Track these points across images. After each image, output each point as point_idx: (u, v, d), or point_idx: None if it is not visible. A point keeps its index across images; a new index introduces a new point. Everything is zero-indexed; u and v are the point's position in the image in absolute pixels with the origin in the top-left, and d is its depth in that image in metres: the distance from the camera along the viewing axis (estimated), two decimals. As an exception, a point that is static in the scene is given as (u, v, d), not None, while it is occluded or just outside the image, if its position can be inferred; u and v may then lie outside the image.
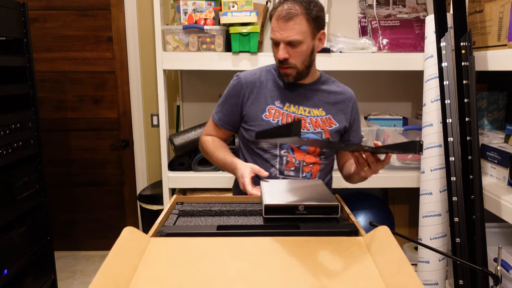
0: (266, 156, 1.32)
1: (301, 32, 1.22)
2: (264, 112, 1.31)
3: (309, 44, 1.25)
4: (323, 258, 0.74)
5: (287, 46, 1.24)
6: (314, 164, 1.33)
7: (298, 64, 1.26)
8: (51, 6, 2.48)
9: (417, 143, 0.90)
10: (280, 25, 1.22)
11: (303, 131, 1.31)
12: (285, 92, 1.33)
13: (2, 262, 1.69)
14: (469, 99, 1.62)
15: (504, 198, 1.52)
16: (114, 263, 0.68)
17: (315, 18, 1.24)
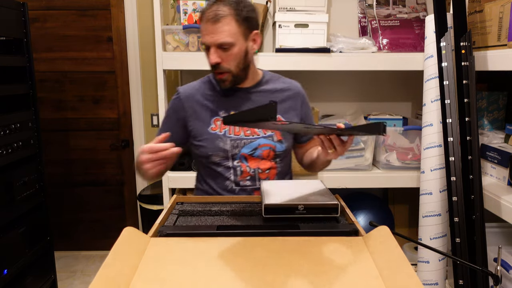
0: (220, 170, 1.28)
1: (231, 33, 1.17)
2: (209, 125, 1.27)
3: (241, 46, 1.21)
4: (323, 258, 0.74)
5: (218, 49, 1.19)
6: (270, 169, 1.30)
7: (232, 68, 1.22)
8: (51, 6, 2.48)
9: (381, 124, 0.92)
10: (209, 28, 1.17)
11: (252, 137, 1.28)
12: (228, 101, 1.29)
13: (2, 262, 1.69)
14: (469, 99, 1.62)
15: (504, 198, 1.52)
16: (114, 263, 0.68)
17: (246, 19, 1.20)
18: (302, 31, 1.96)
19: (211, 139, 1.26)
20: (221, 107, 1.29)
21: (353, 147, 2.02)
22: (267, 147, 1.29)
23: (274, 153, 1.30)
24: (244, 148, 1.28)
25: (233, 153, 1.27)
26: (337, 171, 2.03)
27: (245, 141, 1.27)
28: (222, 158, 1.27)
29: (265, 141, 1.29)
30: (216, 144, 1.26)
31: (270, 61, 1.93)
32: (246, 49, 1.24)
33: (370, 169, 2.05)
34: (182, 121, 1.30)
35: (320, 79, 2.31)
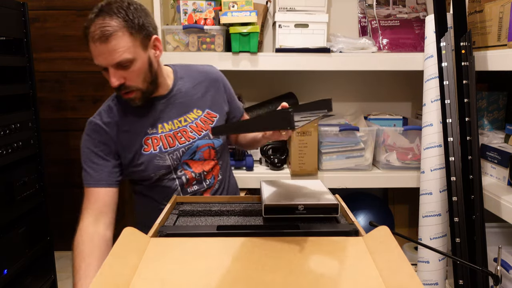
0: (164, 184, 1.22)
1: (128, 49, 1.04)
2: (142, 146, 1.18)
3: (143, 58, 1.09)
4: (323, 258, 0.74)
5: (117, 69, 1.06)
6: (214, 167, 1.27)
7: (139, 84, 1.10)
8: (51, 6, 2.48)
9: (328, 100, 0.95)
10: (100, 49, 1.03)
11: (188, 142, 1.22)
12: (151, 115, 1.19)
13: (2, 262, 1.68)
14: (469, 99, 1.62)
15: (504, 198, 1.52)
16: (114, 263, 0.68)
17: (140, 27, 1.07)
18: (302, 31, 1.96)
19: (149, 160, 1.18)
20: (146, 125, 1.19)
21: (353, 147, 2.02)
22: (206, 147, 1.25)
23: (215, 150, 1.26)
24: (184, 156, 1.23)
25: (174, 165, 1.21)
26: (337, 171, 2.03)
27: (183, 150, 1.22)
28: (164, 174, 1.21)
29: (203, 142, 1.24)
30: (155, 163, 1.19)
31: (270, 61, 1.93)
32: (149, 59, 1.12)
33: (370, 169, 2.05)
34: (113, 153, 1.17)
35: (320, 79, 2.32)
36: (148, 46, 1.11)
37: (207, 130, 1.24)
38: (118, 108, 1.20)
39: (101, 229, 1.12)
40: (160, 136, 1.19)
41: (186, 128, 1.22)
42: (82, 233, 1.10)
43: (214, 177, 1.29)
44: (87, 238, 1.09)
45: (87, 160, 1.17)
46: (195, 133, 1.23)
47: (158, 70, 1.17)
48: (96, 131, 1.17)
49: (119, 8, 1.04)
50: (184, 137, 1.22)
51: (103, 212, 1.14)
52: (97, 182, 1.15)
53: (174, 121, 1.21)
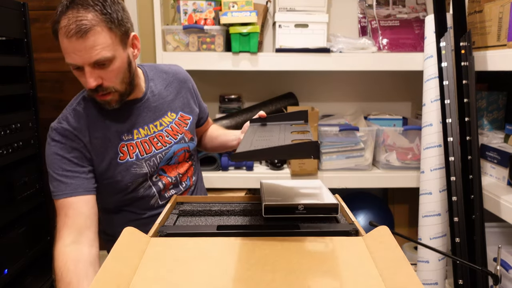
0: (140, 194, 1.15)
1: (107, 46, 0.94)
2: (117, 154, 1.08)
3: (122, 57, 1.00)
4: (323, 258, 0.74)
5: (94, 68, 0.96)
6: (188, 169, 1.25)
7: (117, 85, 1.01)
8: (51, 6, 2.48)
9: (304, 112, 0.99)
10: (75, 46, 0.92)
11: (165, 147, 1.16)
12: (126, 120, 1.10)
13: (2, 262, 1.69)
14: (469, 99, 1.62)
15: (503, 198, 1.52)
16: (114, 263, 0.68)
17: (119, 23, 0.97)
18: (302, 31, 1.96)
19: (125, 169, 1.10)
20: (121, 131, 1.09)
21: (353, 147, 2.02)
22: (182, 151, 1.21)
23: (189, 153, 1.25)
24: (161, 162, 1.17)
25: (151, 173, 1.15)
26: (337, 171, 2.03)
27: (160, 155, 1.16)
28: (141, 183, 1.14)
29: (179, 146, 1.20)
30: (132, 172, 1.11)
31: (270, 61, 1.93)
32: (128, 58, 1.03)
33: (370, 169, 2.06)
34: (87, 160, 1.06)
35: (320, 79, 2.32)
36: (127, 44, 1.02)
37: (182, 133, 1.19)
38: (88, 112, 1.09)
39: (86, 250, 0.98)
40: (136, 142, 1.11)
41: (162, 132, 1.16)
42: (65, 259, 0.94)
43: (189, 178, 1.26)
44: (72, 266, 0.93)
45: (58, 168, 1.03)
46: (171, 138, 1.17)
47: (134, 71, 1.09)
48: (66, 136, 1.05)
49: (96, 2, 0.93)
50: (161, 142, 1.15)
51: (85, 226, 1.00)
52: (74, 190, 1.02)
53: (150, 125, 1.14)
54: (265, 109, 2.16)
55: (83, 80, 0.98)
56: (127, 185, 1.12)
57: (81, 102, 1.12)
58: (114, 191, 1.13)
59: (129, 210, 1.19)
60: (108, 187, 1.11)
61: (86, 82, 0.97)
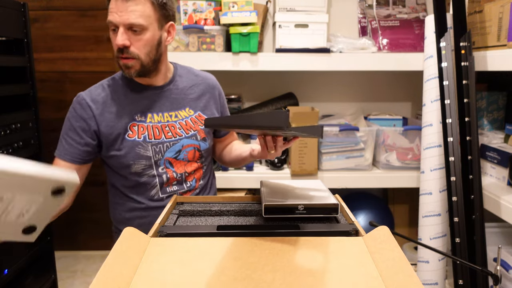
0: (143, 180, 1.19)
1: (145, 15, 1.05)
2: (126, 131, 1.15)
3: (154, 33, 1.09)
4: (323, 258, 0.74)
5: (127, 31, 1.06)
6: (196, 170, 1.25)
7: (141, 55, 1.09)
8: (51, 6, 2.48)
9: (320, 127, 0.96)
10: (119, 6, 1.04)
11: (174, 138, 1.19)
12: (143, 102, 1.18)
13: (2, 262, 1.69)
14: (469, 99, 1.62)
15: (503, 198, 1.52)
16: (114, 263, 0.68)
17: (162, 5, 1.09)
18: (302, 31, 1.96)
19: (130, 147, 1.14)
20: (136, 111, 1.17)
21: (353, 147, 2.02)
22: (191, 147, 1.23)
23: (200, 152, 1.24)
24: (167, 152, 1.19)
25: (156, 159, 1.17)
26: (337, 171, 2.03)
27: (168, 144, 1.19)
28: (145, 167, 1.17)
29: (189, 141, 1.21)
30: (136, 152, 1.15)
31: (270, 61, 1.93)
32: (160, 38, 1.12)
33: (370, 169, 2.06)
34: (90, 132, 1.15)
35: (320, 79, 2.32)
36: (163, 27, 1.12)
37: (196, 131, 1.22)
38: (112, 89, 1.19)
39: None
40: (147, 125, 1.17)
41: (175, 124, 1.20)
42: None
43: (196, 180, 1.26)
44: None
45: (64, 131, 1.17)
46: (183, 131, 1.20)
47: (163, 55, 1.17)
48: (81, 105, 1.16)
49: None
50: (171, 132, 1.19)
51: None
52: (62, 154, 1.16)
53: (165, 114, 1.19)
54: (265, 109, 2.16)
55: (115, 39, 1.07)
56: (129, 163, 1.16)
57: (110, 79, 1.22)
58: (119, 166, 1.18)
59: (130, 197, 1.22)
60: (114, 160, 1.17)
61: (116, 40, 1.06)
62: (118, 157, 1.16)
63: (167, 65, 1.22)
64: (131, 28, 1.06)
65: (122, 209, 1.27)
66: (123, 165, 1.17)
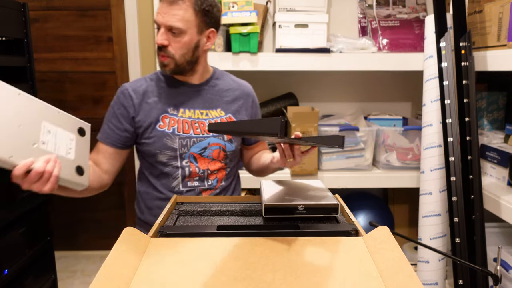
0: (167, 170, 1.24)
1: (184, 20, 1.13)
2: (157, 122, 1.23)
3: (192, 37, 1.17)
4: (323, 258, 0.74)
5: (168, 32, 1.15)
6: (219, 170, 1.28)
7: (176, 55, 1.17)
8: (51, 6, 2.48)
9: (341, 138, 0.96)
10: (164, 8, 1.14)
11: (202, 135, 1.24)
12: (177, 97, 1.26)
13: (2, 262, 1.69)
14: (469, 99, 1.62)
15: (503, 198, 1.52)
16: (114, 263, 0.68)
17: (204, 12, 1.16)
18: (302, 31, 1.96)
19: (159, 136, 1.22)
20: (169, 104, 1.25)
21: (353, 147, 2.02)
22: (217, 146, 1.26)
23: (225, 153, 1.27)
24: (193, 147, 1.24)
25: (181, 152, 1.23)
26: (337, 171, 2.03)
27: (194, 140, 1.24)
28: (170, 157, 1.23)
29: (215, 140, 1.25)
30: (164, 142, 1.22)
31: (270, 61, 1.93)
32: (198, 43, 1.19)
33: (370, 169, 2.06)
34: (129, 118, 1.24)
35: (320, 79, 2.32)
36: (203, 32, 1.19)
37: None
38: (152, 82, 1.28)
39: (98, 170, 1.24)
40: (178, 119, 1.24)
41: (204, 121, 1.25)
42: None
43: (218, 180, 1.29)
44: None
45: (107, 117, 1.27)
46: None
47: (201, 58, 1.24)
48: (123, 94, 1.25)
49: None
50: (200, 129, 1.25)
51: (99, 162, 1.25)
52: (104, 138, 1.25)
53: (196, 110, 1.26)
54: (265, 109, 2.16)
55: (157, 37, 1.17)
56: (156, 152, 1.23)
57: (153, 74, 1.31)
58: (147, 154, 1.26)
59: (154, 186, 1.28)
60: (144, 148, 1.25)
61: (156, 39, 1.16)
62: (147, 144, 1.24)
63: (205, 67, 1.29)
64: (170, 29, 1.15)
65: (146, 197, 1.33)
66: (150, 153, 1.24)
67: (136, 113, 1.24)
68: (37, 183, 0.85)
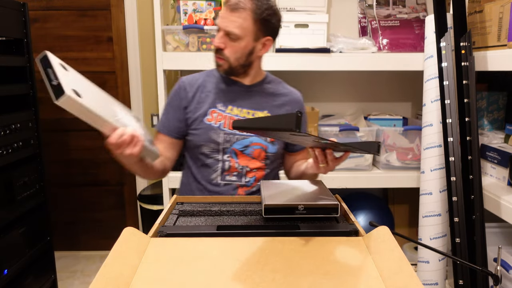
0: (208, 162, 1.30)
1: (242, 27, 1.19)
2: (206, 115, 1.29)
3: (248, 43, 1.22)
4: (323, 258, 0.74)
5: (225, 36, 1.21)
6: (258, 169, 1.31)
7: (231, 58, 1.23)
8: (51, 6, 2.48)
9: (376, 144, 0.96)
10: (225, 13, 1.20)
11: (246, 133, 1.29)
12: (228, 95, 1.32)
13: (2, 262, 1.69)
14: (469, 99, 1.62)
15: (504, 198, 1.52)
16: (114, 263, 0.68)
17: (263, 21, 1.22)
18: (302, 31, 1.96)
19: (205, 129, 1.28)
20: (219, 100, 1.31)
21: (353, 147, 2.02)
22: (259, 146, 1.30)
23: (265, 153, 1.30)
24: (236, 144, 1.29)
25: (224, 146, 1.28)
26: (337, 171, 2.01)
27: (238, 137, 1.29)
28: (212, 150, 1.28)
29: (258, 140, 1.29)
30: (209, 135, 1.28)
31: (270, 61, 1.92)
32: (253, 49, 1.25)
33: (370, 169, 2.05)
34: (183, 110, 1.31)
35: (320, 79, 2.32)
36: (259, 40, 1.25)
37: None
38: (208, 78, 1.35)
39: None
40: (225, 115, 1.29)
41: None
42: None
43: (255, 179, 1.32)
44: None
45: (165, 108, 1.35)
46: None
47: (254, 62, 1.30)
48: (180, 87, 1.34)
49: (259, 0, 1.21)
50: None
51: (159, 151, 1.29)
52: (161, 128, 1.33)
53: (244, 110, 1.31)
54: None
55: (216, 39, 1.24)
56: (200, 144, 1.29)
57: (210, 70, 1.38)
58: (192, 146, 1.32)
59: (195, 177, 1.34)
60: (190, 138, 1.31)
61: (214, 40, 1.23)
62: (193, 135, 1.30)
63: (257, 71, 1.34)
64: (228, 34, 1.21)
65: (188, 188, 1.37)
66: (195, 144, 1.30)
67: (189, 104, 1.31)
68: (129, 146, 0.98)
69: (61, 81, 0.89)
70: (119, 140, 0.97)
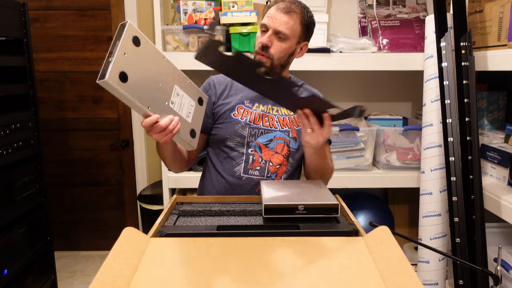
0: (233, 155, 1.33)
1: (292, 29, 1.26)
2: (233, 111, 1.34)
3: (292, 44, 1.29)
4: (323, 258, 0.74)
5: (274, 35, 1.26)
6: (281, 165, 1.33)
7: (275, 57, 1.28)
8: (51, 6, 2.48)
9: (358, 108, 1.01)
10: (277, 15, 1.26)
11: (270, 128, 1.34)
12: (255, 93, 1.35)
13: (2, 262, 1.69)
14: (469, 99, 1.62)
15: (504, 198, 1.52)
16: (114, 263, 0.68)
17: (307, 26, 1.29)
18: (302, 31, 1.96)
19: (232, 123, 1.33)
20: (247, 98, 1.36)
21: (353, 147, 2.02)
22: (282, 140, 1.34)
23: (289, 149, 1.34)
24: (260, 138, 1.33)
25: (249, 140, 1.33)
26: (337, 171, 2.03)
27: (262, 131, 1.34)
28: (237, 143, 1.32)
29: (282, 135, 1.34)
30: (235, 129, 1.33)
31: (270, 61, 1.93)
32: (294, 51, 1.31)
33: (370, 169, 2.05)
34: (210, 105, 1.37)
35: (320, 79, 2.31)
36: (299, 43, 1.31)
37: (290, 128, 1.36)
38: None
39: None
40: (252, 112, 1.35)
41: (274, 116, 1.36)
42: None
43: (277, 175, 1.34)
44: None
45: None
46: (278, 124, 1.35)
47: (289, 64, 1.37)
48: (209, 84, 1.40)
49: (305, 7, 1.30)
50: (269, 122, 1.36)
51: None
52: None
53: (269, 106, 1.37)
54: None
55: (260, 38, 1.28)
56: (226, 137, 1.33)
57: None
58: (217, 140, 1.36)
59: (218, 170, 1.36)
60: (215, 132, 1.36)
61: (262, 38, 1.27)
62: (219, 129, 1.34)
63: (286, 73, 1.41)
64: (277, 33, 1.26)
65: (209, 182, 1.39)
66: (221, 138, 1.34)
67: (217, 100, 1.36)
68: (158, 134, 1.03)
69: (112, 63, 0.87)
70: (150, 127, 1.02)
